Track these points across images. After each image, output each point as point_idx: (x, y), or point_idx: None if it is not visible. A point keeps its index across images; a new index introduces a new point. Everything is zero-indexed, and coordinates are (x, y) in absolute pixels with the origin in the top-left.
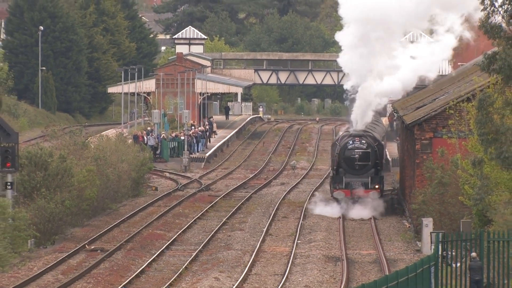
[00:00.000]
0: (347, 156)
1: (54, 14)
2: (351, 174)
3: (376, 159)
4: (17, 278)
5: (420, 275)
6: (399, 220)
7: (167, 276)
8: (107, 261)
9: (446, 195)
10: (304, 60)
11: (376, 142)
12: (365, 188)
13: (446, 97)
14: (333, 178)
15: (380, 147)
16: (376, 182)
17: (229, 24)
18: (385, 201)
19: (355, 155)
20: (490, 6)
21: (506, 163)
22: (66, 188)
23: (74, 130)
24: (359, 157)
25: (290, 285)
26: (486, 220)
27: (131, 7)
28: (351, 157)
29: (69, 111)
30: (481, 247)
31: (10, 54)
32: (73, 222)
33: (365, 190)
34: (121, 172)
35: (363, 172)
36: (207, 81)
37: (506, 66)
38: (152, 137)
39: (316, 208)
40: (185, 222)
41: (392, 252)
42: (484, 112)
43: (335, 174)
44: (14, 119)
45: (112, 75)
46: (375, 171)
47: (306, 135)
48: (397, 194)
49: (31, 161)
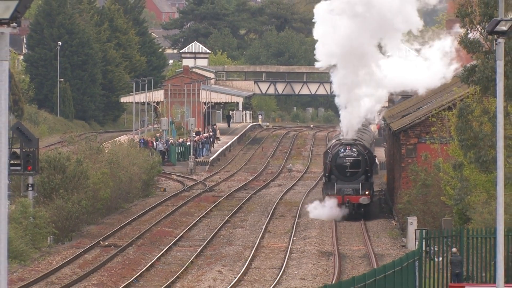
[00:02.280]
0: (338, 164)
1: (71, 30)
2: (343, 180)
3: (366, 166)
4: (37, 271)
5: (406, 268)
6: (386, 219)
7: (175, 270)
8: (120, 256)
9: (429, 195)
10: (300, 72)
11: (366, 150)
12: (356, 194)
13: (429, 106)
14: (325, 185)
15: (370, 155)
16: (366, 188)
17: (231, 39)
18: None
19: (346, 162)
20: (469, 23)
21: (484, 167)
22: (82, 189)
23: (89, 136)
24: (350, 165)
25: (286, 278)
26: (466, 219)
27: (141, 24)
28: (343, 165)
29: (85, 119)
30: (461, 243)
31: (31, 67)
32: (89, 220)
33: (356, 195)
34: (132, 175)
35: (354, 178)
36: (211, 91)
37: (484, 78)
38: (161, 142)
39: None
40: (191, 220)
41: (380, 248)
42: (464, 120)
43: (327, 181)
44: (35, 126)
45: (124, 86)
46: (365, 178)
47: (301, 140)
48: (385, 195)
49: (50, 164)
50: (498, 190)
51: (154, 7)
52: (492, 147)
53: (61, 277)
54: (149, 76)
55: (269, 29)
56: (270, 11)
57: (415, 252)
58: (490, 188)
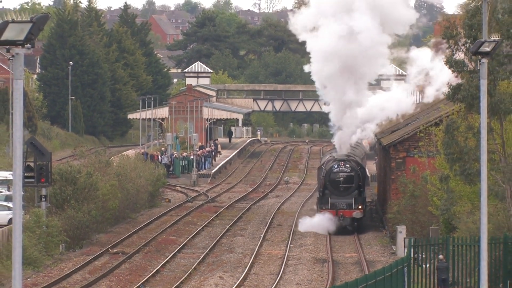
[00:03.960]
0: (332, 179)
1: (82, 51)
2: (336, 195)
3: (359, 181)
4: (50, 277)
5: (395, 274)
6: (377, 227)
7: (179, 275)
8: (127, 263)
9: (417, 206)
10: (296, 90)
11: (359, 166)
12: (349, 208)
13: (417, 122)
14: (320, 199)
15: (362, 170)
16: (359, 203)
17: (231, 60)
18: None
19: (340, 178)
20: (454, 44)
21: (469, 179)
22: (92, 200)
23: (99, 150)
24: (344, 180)
25: (284, 283)
26: (452, 227)
27: (148, 46)
28: (336, 180)
29: (94, 134)
30: (447, 251)
31: (44, 86)
32: (98, 229)
33: (349, 210)
34: (139, 186)
35: (347, 193)
36: (213, 108)
37: (469, 96)
38: (166, 156)
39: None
40: (194, 229)
41: (371, 255)
42: (450, 135)
43: (322, 195)
44: (48, 141)
45: (132, 103)
46: (358, 193)
47: (297, 154)
48: (375, 205)
49: (62, 177)
50: (482, 201)
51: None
52: (476, 160)
53: (72, 283)
54: (154, 94)
55: (267, 50)
56: (268, 33)
57: (404, 259)
58: (474, 199)
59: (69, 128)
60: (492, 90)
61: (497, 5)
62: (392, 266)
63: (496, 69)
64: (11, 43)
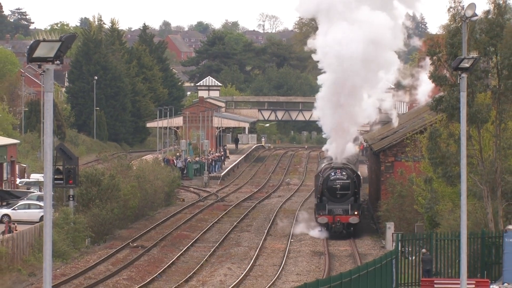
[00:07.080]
0: (329, 186)
1: (105, 67)
2: (333, 202)
3: (355, 188)
4: (77, 268)
5: (384, 266)
6: (368, 224)
7: (192, 267)
8: (146, 255)
9: (404, 204)
10: (296, 102)
11: (354, 174)
12: (346, 214)
13: (404, 130)
14: (317, 205)
15: (358, 178)
16: (355, 209)
17: (238, 74)
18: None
19: (337, 185)
20: (437, 61)
21: (450, 181)
22: (114, 199)
23: (121, 155)
24: (340, 187)
25: (285, 273)
26: (435, 224)
27: (164, 62)
28: (333, 187)
29: (117, 141)
30: (431, 245)
31: (72, 98)
32: (120, 225)
33: (346, 216)
34: (156, 187)
35: (343, 200)
36: (222, 118)
37: (450, 107)
38: (180, 160)
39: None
40: (205, 225)
41: (363, 248)
42: (433, 141)
43: (319, 202)
44: (75, 147)
45: (150, 113)
46: (354, 199)
47: (297, 159)
48: (367, 204)
49: (88, 179)
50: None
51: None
52: (456, 164)
53: (97, 273)
54: (170, 105)
55: (270, 66)
56: (271, 51)
57: (392, 252)
58: (455, 198)
59: (94, 135)
60: (470, 102)
61: (475, 26)
62: (381, 258)
63: (474, 83)
64: (42, 60)
